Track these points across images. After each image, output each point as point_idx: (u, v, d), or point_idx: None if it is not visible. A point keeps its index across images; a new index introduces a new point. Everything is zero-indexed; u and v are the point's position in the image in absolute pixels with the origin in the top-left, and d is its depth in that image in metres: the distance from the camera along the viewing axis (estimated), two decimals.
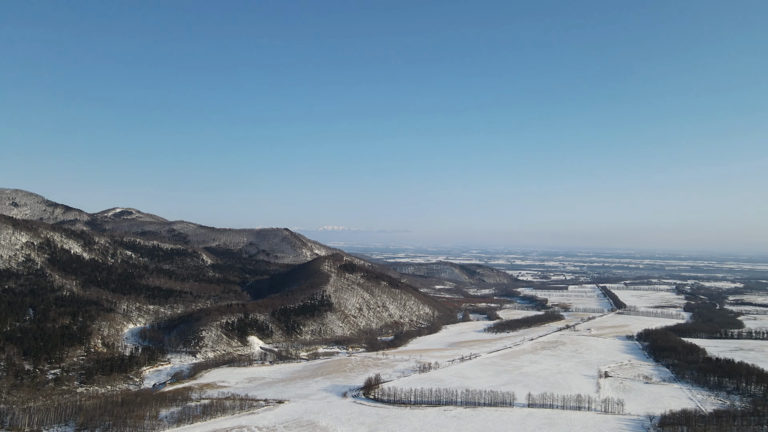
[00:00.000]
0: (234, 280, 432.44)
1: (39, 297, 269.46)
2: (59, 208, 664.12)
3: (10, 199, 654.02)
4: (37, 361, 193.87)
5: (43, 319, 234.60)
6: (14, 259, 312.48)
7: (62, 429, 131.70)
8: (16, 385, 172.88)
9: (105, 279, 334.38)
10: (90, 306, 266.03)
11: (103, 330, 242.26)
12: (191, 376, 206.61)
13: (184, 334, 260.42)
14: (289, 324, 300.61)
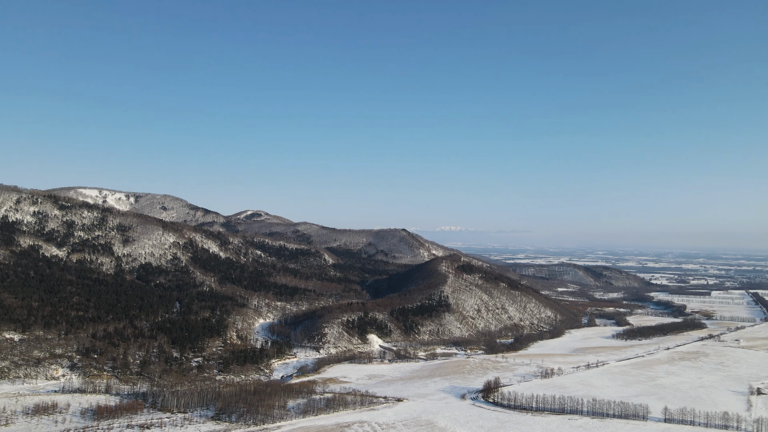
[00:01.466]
0: (354, 279, 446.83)
1: (184, 292, 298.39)
2: (200, 211, 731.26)
3: (160, 204, 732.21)
4: (183, 350, 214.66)
5: (187, 312, 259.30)
6: (164, 257, 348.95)
7: (204, 412, 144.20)
8: (166, 370, 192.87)
9: (238, 276, 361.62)
10: (226, 301, 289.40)
11: (237, 324, 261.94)
12: (315, 370, 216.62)
13: (308, 330, 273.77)
14: (407, 323, 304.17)
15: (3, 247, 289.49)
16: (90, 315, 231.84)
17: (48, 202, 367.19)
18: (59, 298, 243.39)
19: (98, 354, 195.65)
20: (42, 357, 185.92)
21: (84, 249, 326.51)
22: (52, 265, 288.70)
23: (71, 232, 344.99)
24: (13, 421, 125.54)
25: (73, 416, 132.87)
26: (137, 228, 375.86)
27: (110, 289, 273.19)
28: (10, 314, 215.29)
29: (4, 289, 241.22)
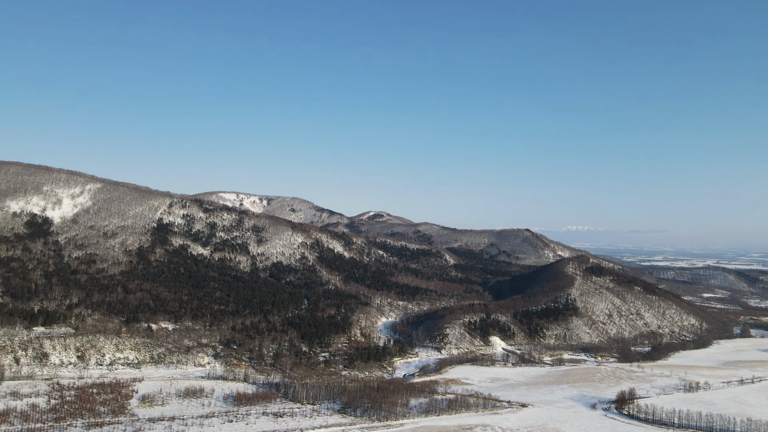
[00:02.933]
0: (475, 280, 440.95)
1: (311, 289, 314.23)
2: (325, 212, 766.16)
3: (289, 206, 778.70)
4: (311, 345, 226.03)
5: (315, 308, 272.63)
6: (293, 256, 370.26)
7: (331, 405, 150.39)
8: (296, 363, 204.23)
9: (362, 275, 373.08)
10: (350, 299, 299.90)
11: (361, 321, 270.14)
12: (437, 370, 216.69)
13: (429, 330, 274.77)
14: (531, 326, 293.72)
15: (159, 246, 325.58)
16: (230, 309, 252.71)
17: (195, 205, 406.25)
18: (204, 292, 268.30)
19: (237, 345, 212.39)
20: (191, 345, 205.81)
21: (224, 248, 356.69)
22: (198, 263, 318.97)
23: (214, 232, 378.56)
24: (168, 402, 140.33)
25: (217, 401, 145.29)
26: (269, 229, 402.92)
27: (247, 286, 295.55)
28: (165, 306, 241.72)
29: (160, 283, 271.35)
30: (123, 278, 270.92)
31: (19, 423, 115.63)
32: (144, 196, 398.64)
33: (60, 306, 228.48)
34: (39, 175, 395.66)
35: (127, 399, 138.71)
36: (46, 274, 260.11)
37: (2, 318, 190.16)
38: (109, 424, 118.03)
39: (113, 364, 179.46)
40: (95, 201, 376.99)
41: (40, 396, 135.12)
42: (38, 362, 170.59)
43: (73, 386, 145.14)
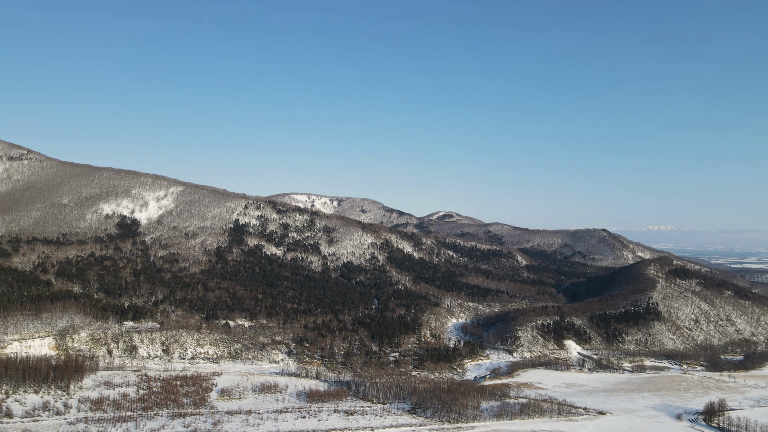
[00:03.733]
0: (548, 281, 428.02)
1: (381, 289, 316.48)
2: (394, 213, 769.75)
3: (359, 207, 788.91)
4: (381, 344, 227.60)
5: (384, 308, 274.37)
6: (363, 256, 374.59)
7: (401, 405, 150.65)
8: (367, 363, 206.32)
9: (431, 276, 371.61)
10: (420, 300, 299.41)
11: (431, 322, 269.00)
12: (509, 373, 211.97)
13: (501, 332, 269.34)
14: (609, 331, 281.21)
15: (235, 246, 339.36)
16: (302, 308, 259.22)
17: (268, 207, 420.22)
18: (278, 291, 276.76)
19: (309, 343, 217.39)
20: (266, 342, 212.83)
21: (296, 248, 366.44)
22: (272, 263, 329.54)
23: (286, 233, 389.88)
24: (245, 396, 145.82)
25: (290, 397, 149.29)
26: (340, 229, 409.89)
27: (318, 285, 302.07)
28: (242, 304, 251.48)
29: (237, 282, 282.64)
30: (203, 277, 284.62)
31: (112, 411, 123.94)
32: (221, 198, 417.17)
33: (147, 302, 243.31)
34: (128, 179, 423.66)
35: (207, 392, 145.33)
36: (135, 272, 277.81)
37: (97, 312, 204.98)
38: (191, 415, 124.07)
39: (194, 358, 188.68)
40: (178, 203, 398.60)
41: (130, 386, 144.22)
42: (128, 354, 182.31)
43: (159, 378, 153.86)
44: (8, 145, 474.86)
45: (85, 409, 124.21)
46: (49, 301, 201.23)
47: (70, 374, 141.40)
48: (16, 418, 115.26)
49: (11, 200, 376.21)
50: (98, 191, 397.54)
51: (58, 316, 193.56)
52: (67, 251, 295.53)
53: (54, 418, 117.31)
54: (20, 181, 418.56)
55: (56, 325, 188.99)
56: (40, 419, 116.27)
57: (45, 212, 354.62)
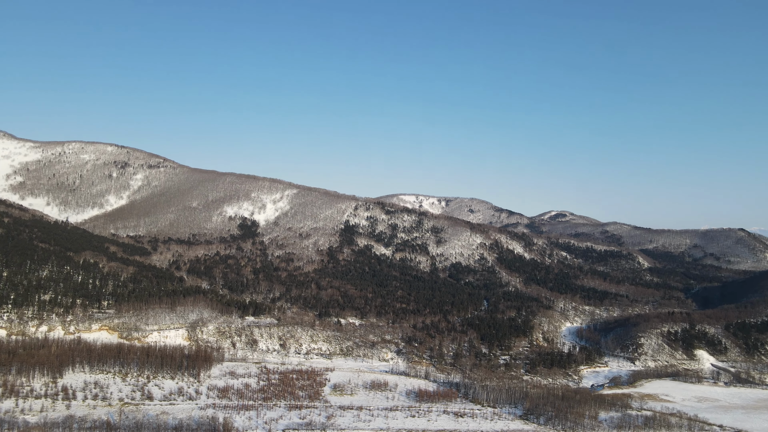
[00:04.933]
0: (675, 285, 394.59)
1: (491, 291, 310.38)
2: (504, 213, 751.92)
3: (467, 207, 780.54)
4: (491, 347, 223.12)
5: (494, 310, 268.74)
6: (472, 257, 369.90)
7: (512, 410, 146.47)
8: (476, 365, 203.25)
9: (543, 278, 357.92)
10: (531, 302, 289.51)
11: (543, 325, 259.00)
12: (630, 383, 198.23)
13: (620, 339, 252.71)
14: (748, 341, 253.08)
15: (346, 246, 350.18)
16: (411, 307, 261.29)
17: (377, 208, 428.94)
18: (387, 291, 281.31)
19: (418, 343, 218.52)
20: (375, 341, 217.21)
21: (405, 248, 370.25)
22: (381, 262, 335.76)
23: (395, 233, 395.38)
24: (356, 392, 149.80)
25: (400, 395, 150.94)
26: (448, 230, 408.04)
27: (426, 285, 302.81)
28: (353, 303, 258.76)
29: (347, 281, 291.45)
30: (316, 275, 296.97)
31: (236, 399, 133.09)
32: (333, 200, 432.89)
33: (266, 299, 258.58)
34: (248, 183, 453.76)
35: (321, 386, 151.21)
36: (255, 270, 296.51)
37: (222, 307, 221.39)
38: (306, 408, 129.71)
39: (309, 354, 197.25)
40: (292, 205, 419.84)
41: (252, 377, 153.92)
42: (249, 347, 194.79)
43: (277, 371, 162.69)
44: (147, 155, 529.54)
45: (213, 396, 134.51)
46: (181, 296, 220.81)
47: (200, 363, 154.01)
48: (156, 401, 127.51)
49: (150, 204, 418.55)
50: (222, 195, 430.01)
51: (190, 310, 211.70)
52: (196, 250, 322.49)
53: (187, 403, 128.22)
54: (158, 187, 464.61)
55: (188, 318, 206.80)
56: (176, 403, 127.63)
57: (178, 215, 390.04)
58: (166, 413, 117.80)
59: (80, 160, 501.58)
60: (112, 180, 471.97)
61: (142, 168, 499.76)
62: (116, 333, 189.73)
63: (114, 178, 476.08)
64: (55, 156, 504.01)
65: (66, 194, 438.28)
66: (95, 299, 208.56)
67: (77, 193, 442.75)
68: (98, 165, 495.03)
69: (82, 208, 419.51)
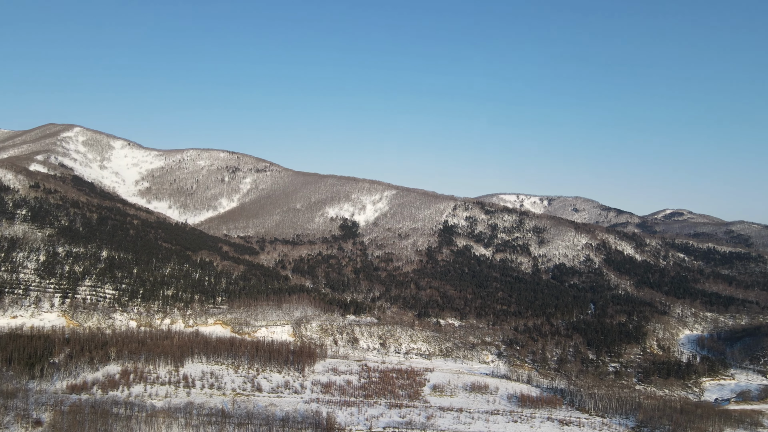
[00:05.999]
0: None
1: (598, 294, 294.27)
2: (612, 211, 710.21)
3: (571, 206, 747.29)
4: (598, 353, 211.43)
5: (602, 314, 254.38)
6: (576, 258, 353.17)
7: (623, 420, 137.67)
8: (582, 371, 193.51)
9: (657, 281, 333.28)
10: (643, 306, 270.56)
11: (658, 332, 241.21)
12: (761, 398, 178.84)
13: (750, 349, 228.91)
14: None
15: (445, 246, 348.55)
16: (512, 309, 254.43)
17: (476, 208, 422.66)
18: (487, 292, 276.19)
19: (520, 346, 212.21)
20: (475, 343, 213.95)
21: (505, 249, 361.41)
22: (480, 263, 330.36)
23: (495, 233, 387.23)
24: (456, 394, 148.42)
25: (501, 399, 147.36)
26: (551, 230, 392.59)
27: (528, 287, 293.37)
28: (452, 303, 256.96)
29: (446, 282, 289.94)
30: (415, 276, 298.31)
31: (338, 395, 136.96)
32: (431, 200, 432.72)
33: (366, 298, 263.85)
34: (348, 185, 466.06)
35: (420, 386, 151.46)
36: (355, 270, 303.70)
37: (324, 305, 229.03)
38: (406, 407, 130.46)
39: (408, 353, 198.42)
40: (391, 206, 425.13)
41: (353, 374, 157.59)
42: (350, 345, 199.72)
43: (377, 369, 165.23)
44: (255, 160, 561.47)
45: (317, 391, 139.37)
46: (287, 294, 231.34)
47: (305, 359, 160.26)
48: (265, 393, 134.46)
49: (258, 206, 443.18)
50: (324, 197, 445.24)
51: (294, 307, 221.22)
52: (300, 250, 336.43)
53: (293, 396, 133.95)
54: (264, 190, 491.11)
55: (293, 315, 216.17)
56: (282, 396, 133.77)
57: (283, 216, 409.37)
58: (274, 405, 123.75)
59: (197, 166, 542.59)
60: (224, 184, 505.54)
61: (250, 172, 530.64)
62: (229, 327, 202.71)
63: (226, 182, 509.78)
64: (175, 163, 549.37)
65: (185, 198, 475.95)
66: (210, 295, 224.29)
67: (194, 197, 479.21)
68: (212, 170, 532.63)
69: (199, 211, 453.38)
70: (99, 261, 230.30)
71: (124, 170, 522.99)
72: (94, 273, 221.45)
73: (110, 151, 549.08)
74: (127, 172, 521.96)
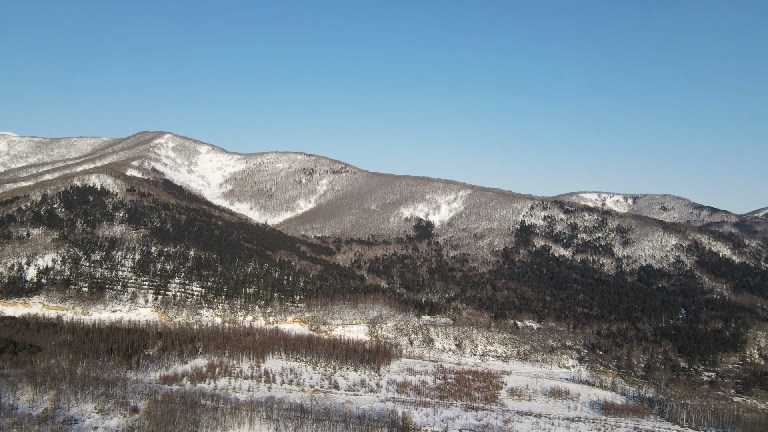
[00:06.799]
0: None
1: (689, 298, 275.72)
2: (705, 210, 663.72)
3: (659, 204, 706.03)
4: (690, 361, 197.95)
5: (694, 320, 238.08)
6: (665, 259, 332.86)
7: None
8: (672, 379, 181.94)
9: (759, 285, 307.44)
10: (743, 312, 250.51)
11: (760, 340, 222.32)
12: None
13: None
14: None
15: (522, 246, 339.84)
16: (594, 313, 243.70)
17: (555, 207, 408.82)
18: (567, 294, 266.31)
19: (603, 351, 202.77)
20: (555, 346, 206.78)
21: (586, 250, 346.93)
22: (559, 264, 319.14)
23: (575, 233, 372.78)
24: (534, 398, 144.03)
25: (583, 406, 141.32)
26: (636, 229, 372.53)
27: (611, 290, 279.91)
28: (529, 305, 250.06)
29: (524, 283, 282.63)
30: (491, 276, 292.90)
31: (414, 395, 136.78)
32: (507, 200, 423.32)
33: (441, 298, 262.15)
34: (423, 185, 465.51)
35: (497, 389, 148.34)
36: (430, 270, 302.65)
37: (399, 305, 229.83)
38: (482, 410, 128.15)
39: (484, 355, 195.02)
40: (466, 206, 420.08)
41: (428, 375, 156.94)
42: (425, 345, 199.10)
43: (453, 370, 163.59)
44: (331, 161, 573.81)
45: (393, 391, 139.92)
46: (362, 294, 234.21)
47: (380, 358, 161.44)
48: (342, 391, 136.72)
49: (334, 207, 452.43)
50: (398, 197, 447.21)
51: (370, 307, 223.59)
52: (375, 250, 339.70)
53: (368, 395, 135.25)
54: (340, 191, 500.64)
55: (368, 315, 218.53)
56: (359, 394, 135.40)
57: (358, 216, 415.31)
58: (351, 403, 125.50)
59: (275, 169, 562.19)
60: (302, 186, 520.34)
61: (326, 174, 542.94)
62: (307, 325, 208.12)
63: (303, 184, 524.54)
64: (255, 166, 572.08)
65: (264, 199, 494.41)
66: (289, 294, 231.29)
67: (273, 198, 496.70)
68: (290, 172, 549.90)
69: (278, 212, 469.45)
70: (187, 260, 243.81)
71: (209, 174, 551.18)
72: (183, 271, 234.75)
73: (197, 156, 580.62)
74: (212, 175, 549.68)
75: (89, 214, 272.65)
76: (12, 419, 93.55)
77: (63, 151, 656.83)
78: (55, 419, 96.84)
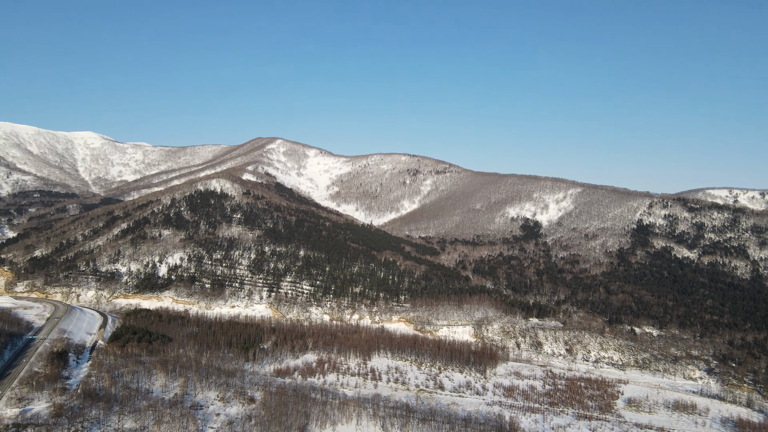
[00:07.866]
0: None
1: None
2: None
3: None
4: None
5: None
6: None
7: None
8: None
9: None
10: None
11: None
12: None
13: None
14: None
15: (639, 247, 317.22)
16: (725, 320, 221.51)
17: (677, 205, 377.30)
18: (692, 299, 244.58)
19: (736, 363, 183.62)
20: (678, 355, 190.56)
21: (715, 251, 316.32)
22: (683, 267, 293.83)
23: (701, 234, 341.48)
24: (655, 411, 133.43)
25: (713, 422, 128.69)
26: None
27: (746, 295, 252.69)
28: (648, 310, 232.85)
29: (642, 286, 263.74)
30: (604, 279, 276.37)
31: (521, 400, 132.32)
32: (622, 198, 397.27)
33: (549, 301, 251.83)
34: (529, 184, 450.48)
35: (612, 399, 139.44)
36: (538, 272, 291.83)
37: (506, 307, 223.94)
38: (596, 419, 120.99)
39: (598, 362, 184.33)
40: (576, 205, 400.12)
41: (537, 380, 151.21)
42: (534, 349, 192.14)
43: (563, 376, 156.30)
44: (435, 161, 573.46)
45: (499, 394, 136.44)
46: (467, 294, 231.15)
47: (486, 361, 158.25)
48: (447, 392, 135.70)
49: (438, 207, 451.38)
50: (504, 196, 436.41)
51: (475, 308, 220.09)
52: (480, 251, 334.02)
53: (474, 397, 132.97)
54: (444, 191, 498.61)
55: (474, 316, 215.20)
56: (464, 396, 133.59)
57: (463, 217, 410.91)
58: (456, 404, 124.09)
59: (380, 170, 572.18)
60: (406, 186, 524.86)
61: (430, 174, 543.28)
62: (412, 325, 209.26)
63: (407, 184, 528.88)
64: (361, 168, 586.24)
65: (370, 200, 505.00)
66: (394, 293, 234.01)
67: (378, 199, 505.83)
68: (394, 174, 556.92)
69: (382, 212, 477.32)
70: (297, 259, 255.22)
71: (317, 176, 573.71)
72: (293, 270, 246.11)
73: (305, 160, 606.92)
74: (320, 178, 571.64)
75: (211, 216, 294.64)
76: (148, 402, 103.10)
77: (188, 158, 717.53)
78: (184, 404, 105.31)
